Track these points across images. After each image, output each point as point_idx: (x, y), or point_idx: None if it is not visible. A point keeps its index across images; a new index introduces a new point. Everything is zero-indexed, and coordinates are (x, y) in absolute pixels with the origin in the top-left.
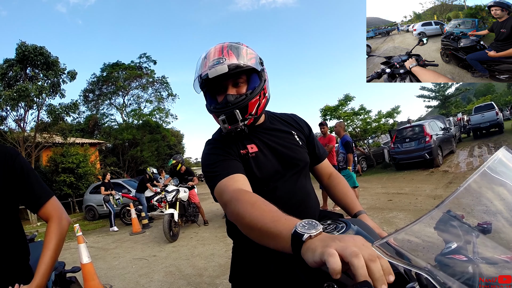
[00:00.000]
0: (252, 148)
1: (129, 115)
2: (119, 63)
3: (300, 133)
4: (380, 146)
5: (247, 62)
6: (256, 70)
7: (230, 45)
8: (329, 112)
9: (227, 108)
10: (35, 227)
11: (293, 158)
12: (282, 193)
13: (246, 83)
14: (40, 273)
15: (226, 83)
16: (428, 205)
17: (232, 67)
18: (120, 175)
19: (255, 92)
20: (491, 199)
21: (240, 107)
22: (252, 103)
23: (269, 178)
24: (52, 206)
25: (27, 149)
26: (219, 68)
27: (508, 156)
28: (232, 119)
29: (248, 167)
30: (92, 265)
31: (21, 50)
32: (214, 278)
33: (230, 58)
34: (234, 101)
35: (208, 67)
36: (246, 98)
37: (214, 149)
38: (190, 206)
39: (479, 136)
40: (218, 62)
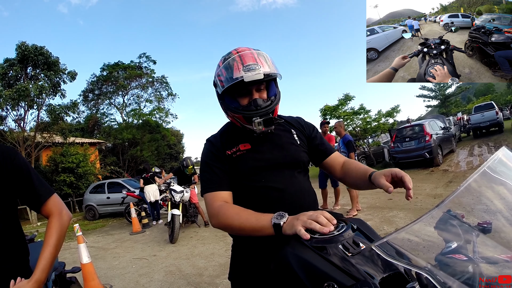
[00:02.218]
0: (245, 146)
1: (129, 115)
2: (119, 63)
3: (299, 132)
4: (380, 145)
5: (275, 71)
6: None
7: (258, 52)
8: (329, 111)
9: (260, 111)
10: (35, 227)
11: (287, 156)
12: (275, 188)
13: (265, 89)
14: (40, 268)
15: (251, 87)
16: (428, 204)
17: (266, 74)
18: (120, 175)
19: (278, 98)
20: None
21: (271, 111)
22: (277, 107)
23: (260, 172)
24: (53, 203)
25: (27, 149)
26: (256, 74)
27: (508, 156)
28: (269, 121)
29: (234, 165)
30: (92, 265)
31: (21, 50)
32: (214, 277)
33: (264, 65)
34: (264, 105)
35: (242, 71)
36: (273, 103)
37: (206, 154)
38: (191, 207)
39: (479, 135)
40: (254, 68)
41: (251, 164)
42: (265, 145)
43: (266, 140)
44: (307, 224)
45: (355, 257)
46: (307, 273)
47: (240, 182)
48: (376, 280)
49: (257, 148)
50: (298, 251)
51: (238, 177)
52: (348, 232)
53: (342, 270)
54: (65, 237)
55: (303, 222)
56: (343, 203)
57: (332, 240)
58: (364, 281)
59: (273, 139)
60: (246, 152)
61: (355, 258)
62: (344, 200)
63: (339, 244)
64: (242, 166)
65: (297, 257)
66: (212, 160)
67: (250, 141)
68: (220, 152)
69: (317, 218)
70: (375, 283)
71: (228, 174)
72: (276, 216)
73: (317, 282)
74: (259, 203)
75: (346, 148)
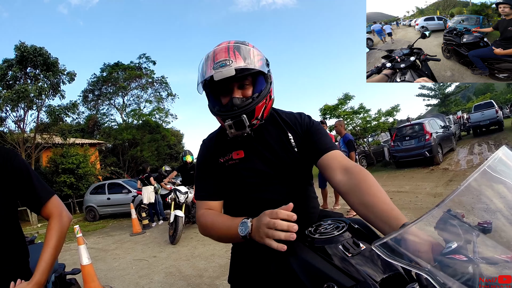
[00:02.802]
0: (238, 154)
1: (129, 115)
2: (119, 63)
3: (296, 134)
4: (380, 144)
5: (255, 64)
6: (263, 72)
7: (236, 45)
8: (328, 111)
9: (233, 113)
10: (35, 228)
11: (281, 165)
12: (271, 200)
13: (252, 85)
14: (40, 270)
15: (231, 85)
16: (428, 203)
17: (239, 70)
18: (120, 175)
19: (262, 96)
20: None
21: (247, 112)
22: (259, 107)
23: (255, 183)
24: (53, 204)
25: (27, 150)
26: (225, 71)
27: (508, 155)
28: (240, 124)
29: (228, 174)
30: (92, 267)
31: (20, 51)
32: (214, 279)
33: (237, 60)
34: (240, 105)
35: (213, 69)
36: (253, 102)
37: (200, 159)
38: (193, 207)
39: (479, 134)
40: (225, 64)
41: (245, 174)
42: (259, 152)
43: (260, 146)
44: (273, 235)
45: (355, 257)
46: (307, 274)
47: (235, 192)
48: (376, 280)
49: (250, 157)
50: (298, 252)
51: (232, 187)
52: (348, 232)
53: (342, 271)
54: (65, 239)
55: (266, 235)
56: (343, 202)
57: (332, 240)
58: (364, 282)
59: (268, 145)
60: (239, 162)
61: (355, 258)
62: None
63: (339, 245)
64: (236, 176)
65: (298, 258)
66: (204, 166)
67: (244, 147)
68: (213, 157)
69: (275, 225)
70: (375, 283)
71: (220, 181)
72: (240, 227)
73: (317, 282)
74: (255, 214)
75: (347, 147)
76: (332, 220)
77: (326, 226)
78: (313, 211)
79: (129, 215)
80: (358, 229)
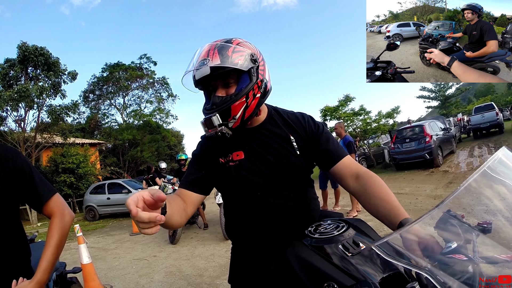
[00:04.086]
0: (238, 155)
1: (130, 116)
2: (120, 63)
3: (299, 137)
4: (380, 146)
5: (231, 62)
6: (248, 70)
7: (218, 45)
8: (329, 112)
9: (209, 111)
10: (36, 227)
11: (282, 168)
12: (272, 201)
13: (236, 83)
14: (41, 269)
15: (215, 83)
16: (428, 205)
17: (213, 68)
18: (120, 175)
19: (240, 94)
20: (491, 199)
21: (221, 111)
22: (236, 106)
23: (255, 186)
24: (55, 202)
25: (28, 150)
26: (202, 70)
27: (508, 156)
28: (209, 124)
29: (228, 175)
30: (92, 266)
31: (21, 51)
32: (214, 278)
33: (214, 59)
34: (218, 104)
35: (193, 68)
36: (229, 101)
37: (192, 156)
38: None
39: (479, 136)
40: (203, 64)
41: (245, 176)
42: (258, 154)
43: (260, 147)
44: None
45: (355, 257)
46: (307, 273)
47: (235, 194)
48: (376, 280)
49: (251, 158)
50: (298, 251)
51: (233, 189)
52: (348, 232)
53: (342, 270)
54: (67, 237)
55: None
56: (343, 204)
57: (332, 240)
58: (364, 281)
59: (268, 147)
60: (238, 163)
61: (355, 258)
62: (345, 201)
63: (339, 244)
64: (237, 178)
65: (298, 257)
66: (199, 158)
67: (244, 148)
68: (211, 154)
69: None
70: (375, 283)
71: (211, 177)
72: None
73: (317, 282)
74: (256, 217)
75: (347, 149)
76: (332, 220)
77: (326, 226)
78: (314, 212)
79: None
80: (358, 229)
